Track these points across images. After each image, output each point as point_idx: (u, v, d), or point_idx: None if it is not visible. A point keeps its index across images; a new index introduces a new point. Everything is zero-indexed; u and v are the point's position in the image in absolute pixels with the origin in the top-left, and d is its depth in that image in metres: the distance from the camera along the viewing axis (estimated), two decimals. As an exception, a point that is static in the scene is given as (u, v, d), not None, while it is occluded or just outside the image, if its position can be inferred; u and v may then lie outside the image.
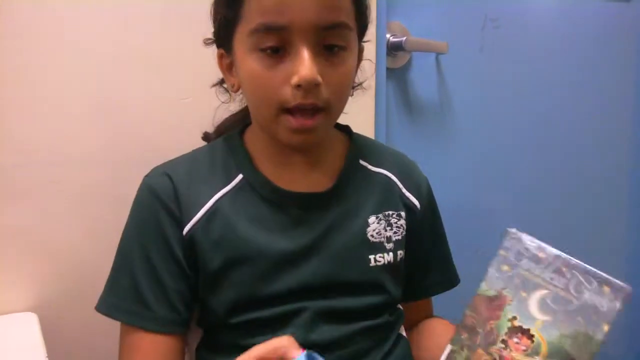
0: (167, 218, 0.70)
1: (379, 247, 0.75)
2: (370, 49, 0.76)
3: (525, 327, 0.57)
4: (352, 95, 0.73)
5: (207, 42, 0.75)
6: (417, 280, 0.83)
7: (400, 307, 0.82)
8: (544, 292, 0.58)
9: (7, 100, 0.87)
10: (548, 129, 1.47)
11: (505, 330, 0.57)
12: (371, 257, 0.74)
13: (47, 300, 0.91)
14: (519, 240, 0.60)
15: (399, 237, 0.77)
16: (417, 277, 0.82)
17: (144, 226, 0.71)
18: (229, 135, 0.78)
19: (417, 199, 0.80)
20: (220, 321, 0.71)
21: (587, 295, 0.57)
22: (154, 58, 0.95)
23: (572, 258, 0.59)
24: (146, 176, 0.74)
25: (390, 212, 0.76)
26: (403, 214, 0.78)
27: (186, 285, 0.71)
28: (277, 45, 0.63)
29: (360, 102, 0.81)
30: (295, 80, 0.62)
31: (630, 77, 1.61)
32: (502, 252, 0.59)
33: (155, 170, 0.74)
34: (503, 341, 0.57)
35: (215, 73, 0.77)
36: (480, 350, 0.57)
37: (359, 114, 0.79)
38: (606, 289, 0.58)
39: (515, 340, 0.57)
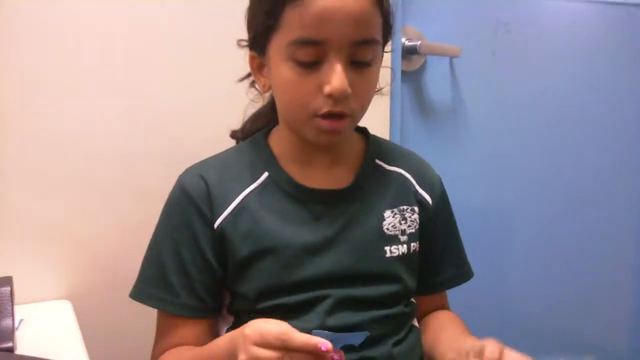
0: (197, 217, 0.75)
1: (394, 240, 0.79)
2: (385, 52, 0.80)
3: None
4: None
5: (240, 44, 0.80)
6: (432, 275, 0.87)
7: (414, 300, 0.86)
8: None
9: (42, 101, 0.92)
10: (559, 131, 1.49)
11: None
12: (387, 248, 0.78)
13: (80, 289, 0.96)
14: None
15: (413, 231, 0.81)
16: (431, 272, 0.86)
17: (176, 223, 0.76)
18: (255, 137, 0.83)
19: (429, 196, 0.84)
20: (249, 307, 0.75)
21: None
22: (181, 58, 1.00)
23: None
24: (180, 176, 0.79)
25: (405, 207, 0.81)
26: (416, 209, 0.82)
27: (211, 278, 0.76)
28: (313, 60, 0.68)
29: (376, 104, 0.84)
30: (327, 90, 0.68)
31: (643, 81, 1.62)
32: None
33: (189, 172, 0.79)
34: None
35: (240, 73, 0.82)
36: None
37: (375, 116, 0.83)
38: None
39: None
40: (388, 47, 0.79)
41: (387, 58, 0.81)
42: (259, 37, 0.74)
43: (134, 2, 0.96)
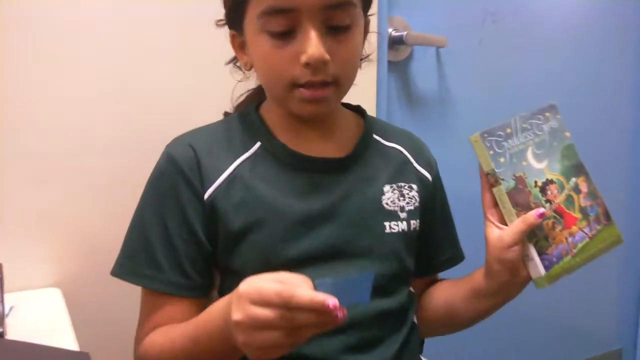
0: (185, 187, 0.71)
1: (393, 215, 0.76)
2: (372, 42, 0.79)
3: (545, 180, 0.73)
4: (361, 67, 0.75)
5: (218, 24, 0.77)
6: (430, 255, 0.85)
7: (412, 289, 0.83)
8: (529, 149, 0.74)
9: (35, 94, 0.92)
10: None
11: (539, 194, 0.73)
12: (386, 224, 0.76)
13: (69, 276, 0.97)
14: (490, 135, 0.73)
15: (412, 208, 0.78)
16: (430, 252, 0.85)
17: (162, 194, 0.73)
18: (245, 110, 0.80)
19: (429, 173, 0.83)
20: None
21: (545, 127, 0.76)
22: (169, 48, 1.00)
23: (520, 115, 0.75)
24: (168, 146, 0.76)
25: (403, 184, 0.79)
26: (415, 186, 0.80)
27: (199, 253, 0.72)
28: (285, 30, 0.65)
29: (363, 93, 0.85)
30: (304, 59, 0.65)
31: (629, 70, 1.64)
32: (490, 152, 0.72)
33: (177, 141, 0.76)
34: (546, 201, 0.73)
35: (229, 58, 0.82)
36: (544, 222, 0.71)
37: (361, 105, 0.84)
38: (547, 114, 0.77)
39: (549, 192, 0.73)
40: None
41: (373, 45, 0.81)
42: (233, 13, 0.72)
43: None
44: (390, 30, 1.26)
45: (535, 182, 0.72)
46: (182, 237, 0.72)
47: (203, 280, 0.74)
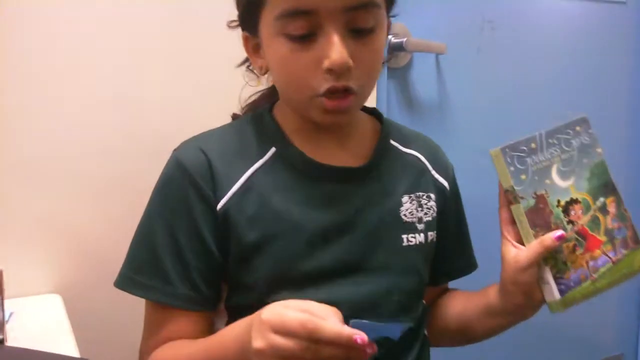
0: (195, 195, 0.68)
1: (411, 228, 0.74)
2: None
3: (569, 199, 0.69)
4: (382, 71, 0.71)
5: (231, 25, 0.74)
6: (446, 263, 0.82)
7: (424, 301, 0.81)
8: (554, 166, 0.70)
9: (34, 98, 0.92)
10: (544, 127, 1.51)
11: (562, 214, 0.68)
12: (404, 236, 0.73)
13: (70, 282, 0.96)
14: (512, 150, 0.69)
15: (430, 219, 0.76)
16: (446, 260, 0.82)
17: (170, 201, 0.69)
18: (257, 112, 0.76)
19: (445, 180, 0.81)
20: (254, 301, 0.65)
21: (574, 143, 0.71)
22: (170, 52, 1.00)
23: (546, 129, 0.71)
24: (176, 150, 0.72)
25: (421, 194, 0.76)
26: (433, 195, 0.77)
27: (208, 264, 0.69)
28: (305, 33, 0.62)
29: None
30: (326, 64, 0.61)
31: (626, 77, 1.64)
32: (511, 169, 0.69)
33: (187, 145, 0.72)
34: (569, 222, 0.69)
35: (232, 61, 0.81)
36: (564, 245, 0.67)
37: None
38: (578, 128, 0.72)
39: (573, 212, 0.69)
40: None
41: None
42: (247, 14, 0.68)
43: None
44: (390, 36, 1.26)
45: (558, 201, 0.68)
46: (193, 248, 0.68)
47: (212, 293, 0.71)
